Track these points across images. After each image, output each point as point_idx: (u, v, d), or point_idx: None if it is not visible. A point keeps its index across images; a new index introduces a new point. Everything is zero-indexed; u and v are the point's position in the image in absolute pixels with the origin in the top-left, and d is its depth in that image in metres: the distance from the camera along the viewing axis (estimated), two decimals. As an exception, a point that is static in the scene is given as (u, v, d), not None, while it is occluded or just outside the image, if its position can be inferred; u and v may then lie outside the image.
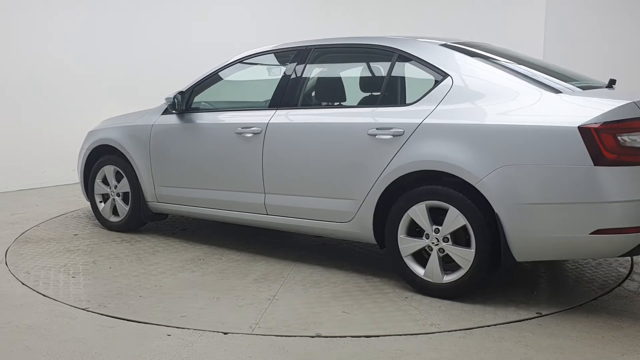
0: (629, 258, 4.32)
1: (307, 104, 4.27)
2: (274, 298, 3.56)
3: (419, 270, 3.55)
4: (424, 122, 3.48)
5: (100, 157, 5.16)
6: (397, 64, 3.84)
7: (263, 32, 8.59)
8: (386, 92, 3.89)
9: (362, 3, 9.06)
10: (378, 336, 3.02)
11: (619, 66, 7.64)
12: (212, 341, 2.97)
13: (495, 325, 3.15)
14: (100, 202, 5.21)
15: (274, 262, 4.27)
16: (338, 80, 4.35)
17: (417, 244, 3.54)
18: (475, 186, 3.27)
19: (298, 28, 8.64)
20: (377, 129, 3.64)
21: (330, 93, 4.28)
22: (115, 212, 5.13)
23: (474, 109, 3.39)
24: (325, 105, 4.22)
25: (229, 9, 8.59)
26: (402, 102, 3.87)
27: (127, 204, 5.00)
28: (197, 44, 8.29)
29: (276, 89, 4.23)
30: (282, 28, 8.68)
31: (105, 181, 5.15)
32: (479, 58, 3.69)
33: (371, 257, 4.41)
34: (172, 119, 4.68)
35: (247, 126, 4.20)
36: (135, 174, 4.87)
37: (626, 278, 3.92)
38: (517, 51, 4.24)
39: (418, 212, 3.49)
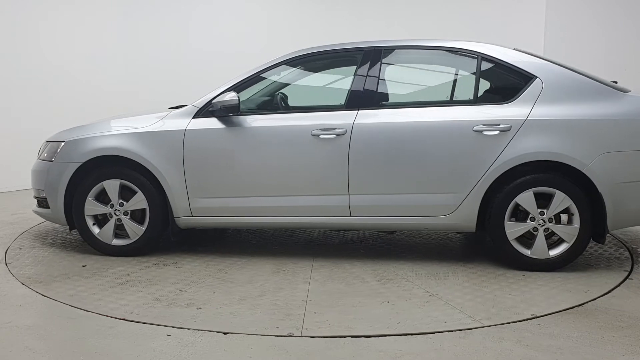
0: (629, 258, 4.34)
1: (392, 103, 4.30)
2: (433, 293, 3.63)
3: (526, 251, 4.00)
4: (528, 118, 3.91)
5: (92, 170, 4.36)
6: (482, 65, 4.15)
7: (263, 36, 8.59)
8: (479, 91, 4.14)
9: (363, 4, 9.05)
10: (378, 336, 3.02)
11: (619, 66, 7.64)
12: (212, 341, 2.97)
13: (495, 325, 3.16)
14: (94, 224, 4.42)
15: (358, 263, 4.25)
16: (422, 80, 4.52)
17: (524, 227, 3.98)
18: (583, 171, 3.85)
19: (298, 31, 8.63)
20: (483, 125, 3.94)
21: (416, 92, 4.44)
22: (118, 234, 4.43)
23: (569, 106, 3.95)
24: (413, 104, 4.25)
25: (228, 12, 8.59)
26: (499, 101, 4.07)
27: (141, 223, 4.35)
28: (195, 49, 8.29)
29: (352, 89, 4.21)
30: (282, 31, 8.68)
31: (99, 199, 4.39)
32: (548, 61, 4.13)
33: (419, 246, 4.62)
34: (213, 122, 4.23)
35: (327, 127, 4.10)
36: (161, 186, 4.27)
37: (626, 278, 3.92)
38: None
39: (526, 199, 3.94)
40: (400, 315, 3.29)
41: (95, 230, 4.42)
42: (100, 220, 4.44)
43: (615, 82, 4.25)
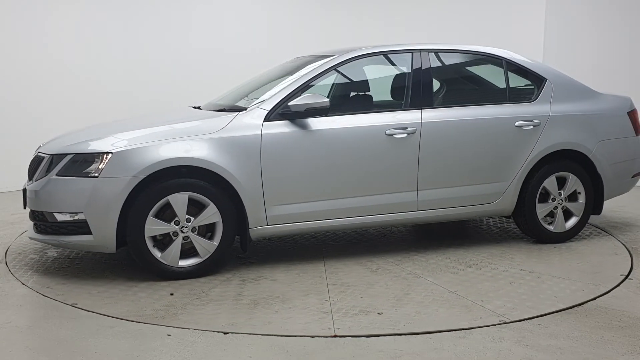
0: (629, 258, 4.36)
1: (444, 101, 4.68)
2: (529, 271, 4.06)
3: (550, 227, 4.72)
4: (550, 114, 4.63)
5: (151, 184, 3.81)
6: (508, 68, 4.74)
7: (263, 36, 8.60)
8: (510, 91, 4.74)
9: (363, 4, 9.06)
10: (378, 336, 3.02)
11: (619, 66, 7.64)
12: (212, 341, 2.97)
13: (495, 325, 3.16)
14: (153, 246, 3.86)
15: (423, 254, 4.44)
16: (469, 81, 5.06)
17: (549, 206, 4.70)
18: (589, 157, 4.71)
19: (299, 31, 8.64)
20: (522, 120, 4.57)
21: (463, 92, 4.93)
22: (183, 253, 3.92)
23: (571, 103, 4.77)
24: (461, 103, 4.63)
25: (229, 13, 8.60)
26: (524, 100, 4.74)
27: (210, 239, 3.96)
28: (196, 49, 8.29)
29: (412, 88, 4.46)
30: (283, 31, 8.69)
31: (159, 216, 3.85)
32: (546, 65, 4.91)
33: (435, 233, 4.90)
34: (288, 125, 4.08)
35: (400, 127, 4.28)
36: (235, 197, 3.96)
37: (626, 278, 3.93)
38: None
39: (551, 183, 4.67)
40: (547, 292, 3.65)
41: (157, 253, 3.87)
42: (166, 241, 3.90)
43: None
